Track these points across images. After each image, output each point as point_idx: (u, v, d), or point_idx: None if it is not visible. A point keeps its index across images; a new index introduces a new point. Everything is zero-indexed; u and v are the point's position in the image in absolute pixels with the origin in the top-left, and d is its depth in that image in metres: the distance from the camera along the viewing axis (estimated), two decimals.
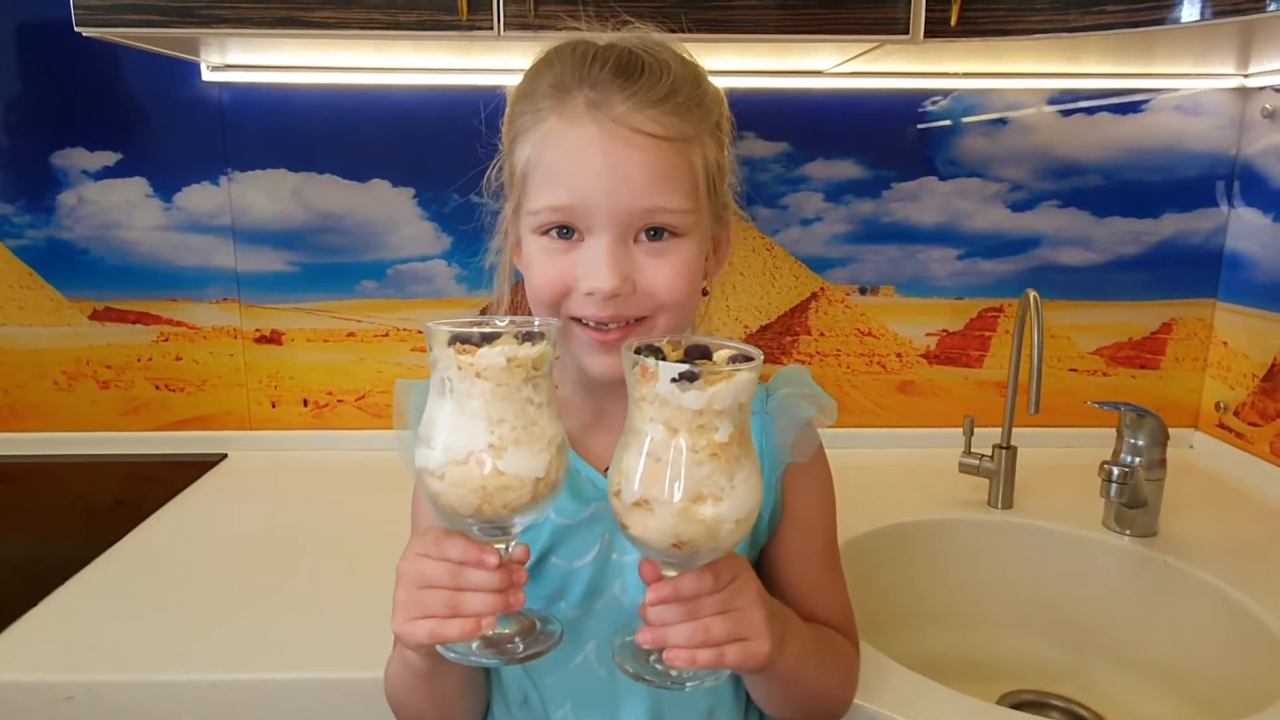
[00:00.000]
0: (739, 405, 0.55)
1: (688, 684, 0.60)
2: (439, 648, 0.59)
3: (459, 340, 0.55)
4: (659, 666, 0.59)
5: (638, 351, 0.56)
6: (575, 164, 0.63)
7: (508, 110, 0.70)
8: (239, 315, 1.38)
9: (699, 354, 0.58)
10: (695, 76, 0.67)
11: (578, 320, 0.66)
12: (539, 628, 0.62)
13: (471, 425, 0.55)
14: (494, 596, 0.57)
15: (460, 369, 0.55)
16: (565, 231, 0.65)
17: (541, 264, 0.66)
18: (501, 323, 0.58)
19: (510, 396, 0.55)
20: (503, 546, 0.59)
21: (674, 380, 0.53)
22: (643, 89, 0.63)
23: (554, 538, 0.70)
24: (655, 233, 0.64)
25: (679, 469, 0.54)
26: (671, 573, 0.58)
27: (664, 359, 0.56)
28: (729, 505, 0.55)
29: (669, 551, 0.56)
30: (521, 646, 0.60)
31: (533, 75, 0.67)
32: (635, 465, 0.56)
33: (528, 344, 0.56)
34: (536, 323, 0.58)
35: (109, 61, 1.29)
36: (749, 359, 0.56)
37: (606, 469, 0.68)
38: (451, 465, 0.55)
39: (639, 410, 0.56)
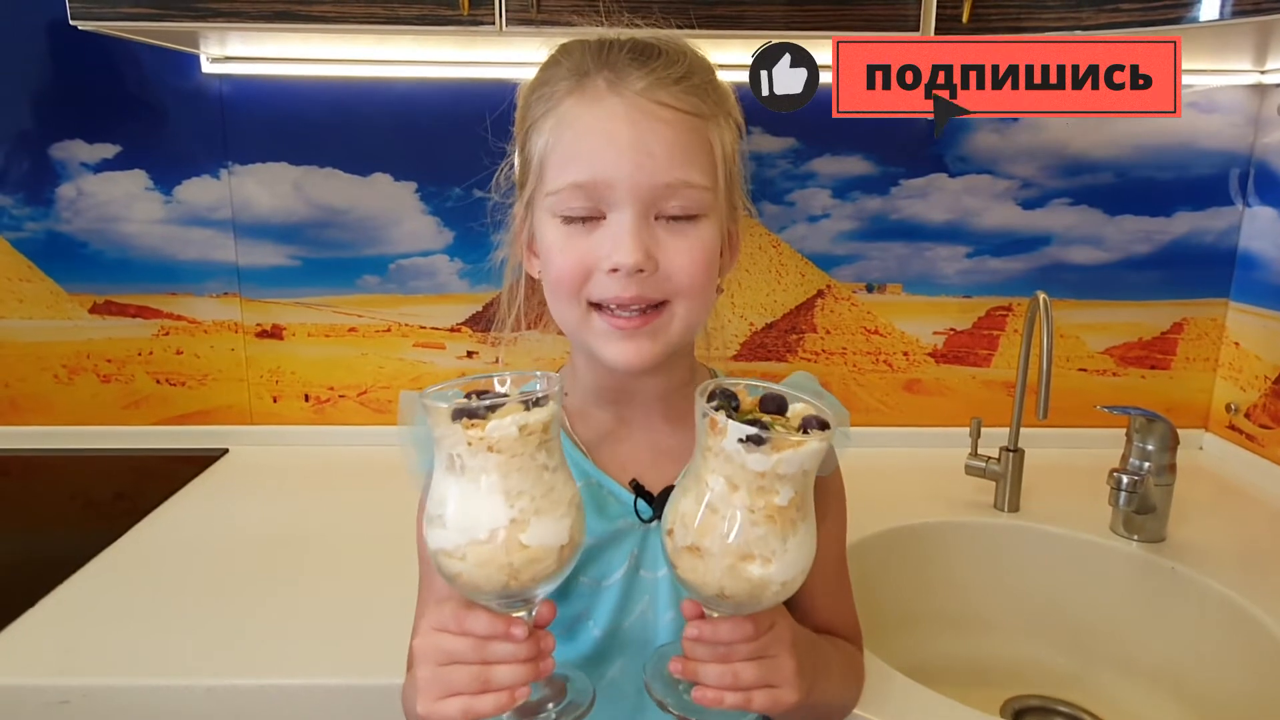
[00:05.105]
0: (804, 471, 0.54)
1: None
2: None
3: (465, 415, 0.52)
4: (686, 698, 0.59)
5: (711, 397, 0.55)
6: (598, 139, 0.61)
7: (520, 104, 0.67)
8: (240, 309, 1.37)
9: (775, 406, 0.57)
10: (709, 65, 0.66)
11: (597, 308, 0.63)
12: (569, 690, 0.60)
13: (489, 501, 0.52)
14: (524, 667, 0.55)
15: (470, 444, 0.52)
16: (585, 212, 0.62)
17: (561, 248, 0.63)
18: (501, 385, 0.56)
19: (526, 466, 0.53)
20: (524, 614, 0.57)
21: (740, 440, 0.53)
22: (661, 67, 0.62)
23: (581, 556, 0.68)
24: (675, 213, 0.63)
25: (734, 525, 0.54)
26: (714, 613, 0.58)
27: (738, 405, 0.55)
28: (778, 568, 0.55)
29: (712, 599, 0.56)
30: (554, 713, 0.58)
31: (547, 67, 0.66)
32: (693, 511, 0.56)
33: (537, 409, 0.53)
34: (538, 385, 0.55)
35: (107, 52, 1.27)
36: (823, 425, 0.55)
37: (631, 481, 0.68)
38: (472, 545, 0.53)
39: (704, 460, 0.56)
